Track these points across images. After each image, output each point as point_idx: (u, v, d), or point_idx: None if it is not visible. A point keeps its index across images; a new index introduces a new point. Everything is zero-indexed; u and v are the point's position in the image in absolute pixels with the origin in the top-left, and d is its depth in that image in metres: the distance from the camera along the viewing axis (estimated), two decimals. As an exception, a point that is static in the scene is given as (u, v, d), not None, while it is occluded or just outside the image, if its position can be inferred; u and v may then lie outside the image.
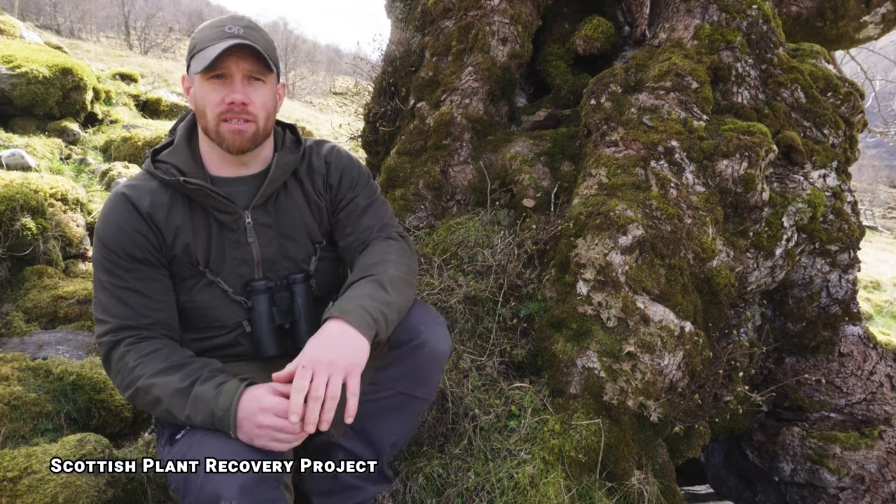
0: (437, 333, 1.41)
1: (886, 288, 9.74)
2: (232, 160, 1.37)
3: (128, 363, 1.23)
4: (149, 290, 1.30)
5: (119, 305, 1.27)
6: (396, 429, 1.45)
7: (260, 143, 1.35)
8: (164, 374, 1.20)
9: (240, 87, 1.27)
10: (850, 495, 2.05)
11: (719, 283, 1.99)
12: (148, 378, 1.20)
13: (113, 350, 1.26)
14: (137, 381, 1.21)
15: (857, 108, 2.43)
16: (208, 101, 1.27)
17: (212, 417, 1.14)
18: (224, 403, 1.13)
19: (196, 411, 1.15)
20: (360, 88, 4.00)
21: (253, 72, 1.28)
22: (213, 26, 1.30)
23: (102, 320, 1.28)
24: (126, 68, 8.51)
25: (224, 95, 1.26)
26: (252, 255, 1.40)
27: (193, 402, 1.16)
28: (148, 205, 1.31)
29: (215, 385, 1.17)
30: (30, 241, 2.88)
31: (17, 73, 5.00)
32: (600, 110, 2.29)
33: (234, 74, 1.26)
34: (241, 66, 1.26)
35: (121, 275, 1.28)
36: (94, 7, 31.07)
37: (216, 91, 1.27)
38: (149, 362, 1.22)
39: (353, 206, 1.50)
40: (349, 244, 1.49)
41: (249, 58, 1.26)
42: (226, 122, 1.28)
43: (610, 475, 1.75)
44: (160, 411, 1.20)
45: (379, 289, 1.28)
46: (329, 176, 1.50)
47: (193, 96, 1.31)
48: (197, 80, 1.28)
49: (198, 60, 1.25)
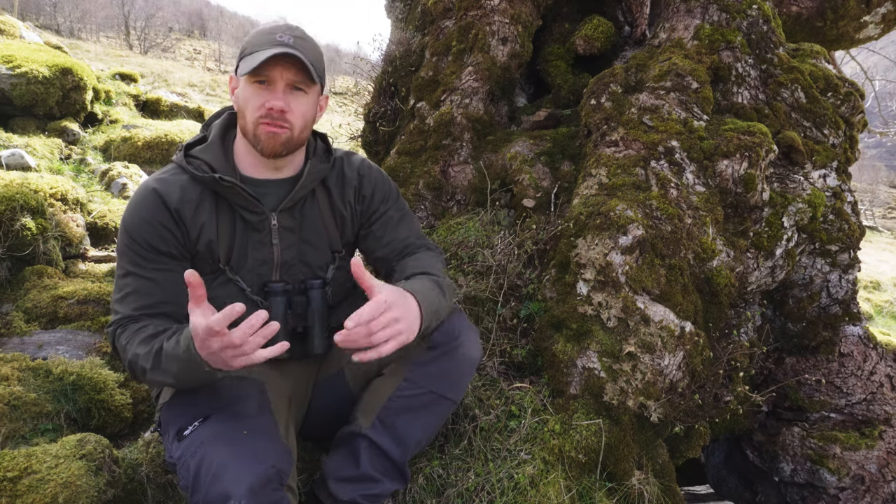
0: (473, 339, 1.48)
1: (886, 288, 9.74)
2: (266, 163, 1.40)
3: (122, 342, 1.28)
4: (166, 283, 1.34)
5: (133, 295, 1.31)
6: (424, 427, 1.47)
7: (294, 150, 1.39)
8: (141, 345, 1.24)
9: (281, 95, 1.30)
10: (850, 495, 2.05)
11: (719, 283, 1.99)
12: (133, 349, 1.25)
13: (116, 337, 1.31)
14: (128, 355, 1.26)
15: (857, 108, 2.43)
16: (250, 104, 1.31)
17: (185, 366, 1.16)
18: (184, 347, 1.16)
19: (171, 365, 1.18)
20: (360, 88, 4.00)
21: (296, 81, 1.32)
22: (265, 32, 1.33)
23: (115, 310, 1.33)
24: (126, 68, 8.50)
25: (265, 100, 1.30)
26: (273, 256, 1.43)
27: (166, 360, 1.19)
28: (177, 200, 1.34)
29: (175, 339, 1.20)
30: (30, 241, 2.88)
31: (17, 73, 5.00)
32: (600, 110, 2.29)
33: (276, 81, 1.30)
34: (285, 74, 1.30)
35: (142, 264, 1.32)
36: (94, 7, 31.05)
37: (258, 95, 1.31)
38: (134, 338, 1.26)
39: (387, 218, 1.56)
40: (386, 254, 1.56)
41: (294, 67, 1.30)
42: (262, 124, 1.31)
43: (610, 475, 1.75)
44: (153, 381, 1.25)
45: (437, 290, 1.36)
46: (362, 188, 1.54)
47: (237, 97, 1.36)
48: (242, 81, 1.32)
49: (245, 63, 1.29)
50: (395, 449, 1.44)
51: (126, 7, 30.33)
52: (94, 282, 3.00)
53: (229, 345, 1.07)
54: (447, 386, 1.45)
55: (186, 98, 8.91)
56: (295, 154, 1.43)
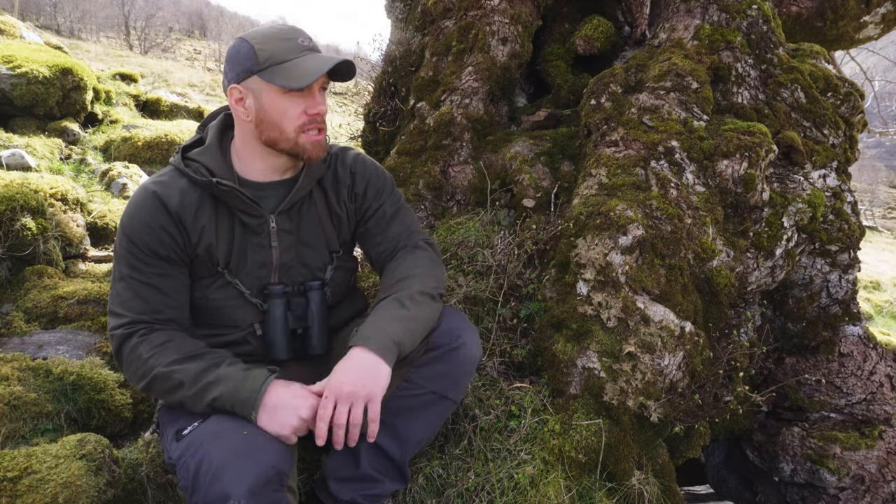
0: (473, 339, 1.47)
1: (886, 288, 9.73)
2: (277, 167, 1.40)
3: (141, 354, 1.26)
4: (167, 287, 1.33)
5: (136, 300, 1.30)
6: (424, 427, 1.48)
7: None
8: (184, 361, 1.24)
9: (321, 99, 1.31)
10: (850, 495, 2.05)
11: (719, 283, 1.99)
12: (167, 366, 1.23)
13: (125, 342, 1.28)
14: (154, 370, 1.23)
15: (857, 109, 2.43)
16: (288, 114, 1.29)
17: (234, 397, 1.18)
18: (252, 386, 1.18)
19: (216, 388, 1.19)
20: (360, 88, 4.00)
21: (326, 83, 1.33)
22: (282, 38, 1.30)
23: (118, 313, 1.30)
24: (126, 68, 8.49)
25: (305, 107, 1.30)
26: (272, 259, 1.43)
27: (216, 381, 1.20)
28: (177, 204, 1.32)
29: (243, 368, 1.23)
30: (30, 241, 2.88)
31: (17, 74, 4.99)
32: (600, 110, 2.29)
33: (313, 86, 1.30)
34: (321, 79, 1.30)
35: (142, 269, 1.31)
36: (94, 7, 31.05)
37: (296, 104, 1.29)
38: (164, 351, 1.25)
39: (381, 214, 1.54)
40: (379, 254, 1.54)
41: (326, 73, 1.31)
42: (305, 133, 1.31)
43: (610, 475, 1.75)
44: (178, 397, 1.23)
45: (400, 307, 1.33)
46: (355, 186, 1.53)
47: (265, 108, 1.29)
48: (273, 91, 1.28)
49: (285, 75, 1.25)
50: (395, 449, 1.45)
51: (126, 7, 30.33)
52: (95, 282, 3.00)
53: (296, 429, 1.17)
54: (447, 386, 1.45)
55: (186, 98, 8.91)
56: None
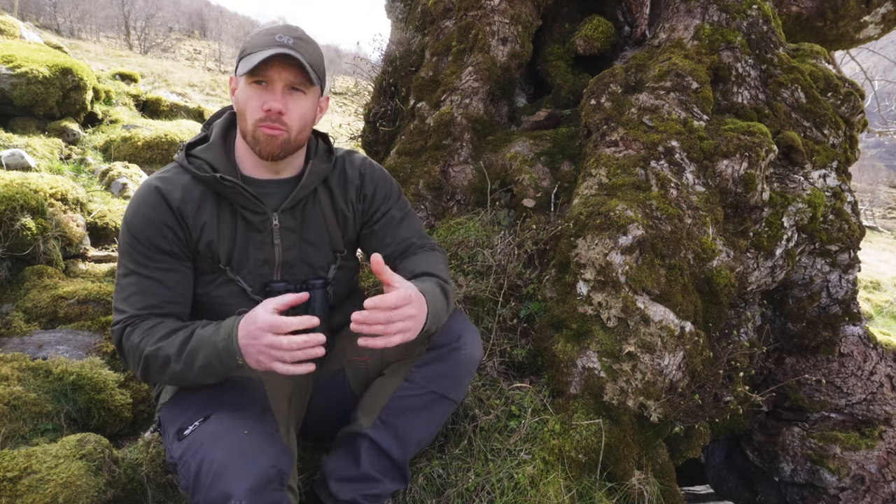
0: (474, 340, 1.48)
1: (886, 288, 9.73)
2: (266, 165, 1.40)
3: (133, 340, 1.27)
4: (171, 281, 1.34)
5: (138, 295, 1.31)
6: (425, 427, 1.48)
7: (292, 151, 1.39)
8: (167, 336, 1.25)
9: (279, 96, 1.30)
10: (850, 495, 2.05)
11: (719, 283, 1.99)
12: (153, 344, 1.24)
13: (123, 336, 1.30)
14: (144, 351, 1.24)
15: (857, 108, 2.43)
16: (249, 105, 1.31)
17: (216, 351, 1.18)
18: (225, 333, 1.19)
19: (199, 352, 1.19)
20: (360, 88, 4.00)
21: (294, 83, 1.32)
22: (265, 33, 1.33)
23: (119, 309, 1.32)
24: (126, 68, 8.49)
25: (263, 101, 1.30)
26: (274, 257, 1.43)
27: (196, 345, 1.20)
28: (179, 199, 1.34)
29: (214, 325, 1.23)
30: (30, 241, 2.88)
31: (17, 73, 4.99)
32: (600, 110, 2.29)
33: (275, 82, 1.30)
34: (283, 75, 1.30)
35: (145, 264, 1.32)
36: (94, 7, 31.06)
37: (257, 96, 1.30)
38: (151, 334, 1.27)
39: (389, 217, 1.56)
40: (389, 254, 1.55)
41: (292, 68, 1.30)
42: (262, 127, 1.31)
43: (610, 475, 1.75)
44: (174, 374, 1.24)
45: (444, 297, 1.36)
46: (364, 187, 1.54)
47: (237, 98, 1.36)
48: (242, 82, 1.32)
49: (244, 63, 1.29)
50: (395, 449, 1.44)
51: (126, 7, 30.34)
52: (95, 282, 2.99)
53: (277, 346, 1.11)
54: (448, 386, 1.45)
55: (186, 98, 8.91)
56: (295, 155, 1.43)
